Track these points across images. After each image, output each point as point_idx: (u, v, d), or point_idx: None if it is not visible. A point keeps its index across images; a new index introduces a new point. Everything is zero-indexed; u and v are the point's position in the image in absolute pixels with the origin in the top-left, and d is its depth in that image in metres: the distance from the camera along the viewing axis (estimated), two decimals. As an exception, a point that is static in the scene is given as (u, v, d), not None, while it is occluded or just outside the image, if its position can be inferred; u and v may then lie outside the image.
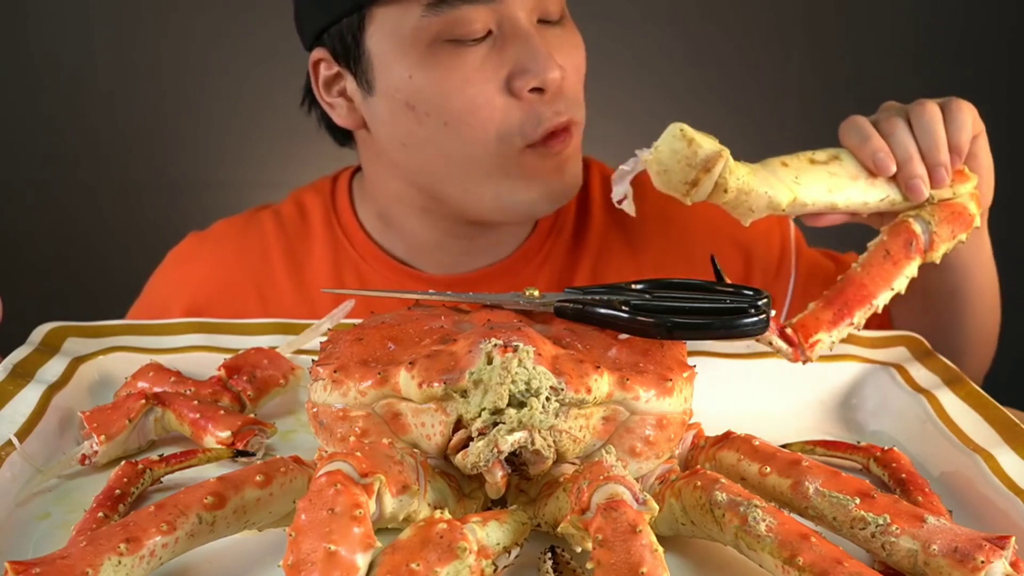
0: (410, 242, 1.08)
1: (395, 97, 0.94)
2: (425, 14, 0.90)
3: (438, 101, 0.92)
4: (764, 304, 0.66)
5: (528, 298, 0.69)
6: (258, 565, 0.56)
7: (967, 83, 2.32)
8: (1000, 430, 0.71)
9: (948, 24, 2.30)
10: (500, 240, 1.08)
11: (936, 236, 0.77)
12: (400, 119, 0.95)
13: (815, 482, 0.56)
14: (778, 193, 0.72)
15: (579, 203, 1.12)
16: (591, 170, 1.14)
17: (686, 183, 0.68)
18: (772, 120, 2.31)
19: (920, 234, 0.77)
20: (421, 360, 0.59)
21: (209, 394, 0.75)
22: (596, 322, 0.67)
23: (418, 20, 0.90)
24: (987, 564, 0.49)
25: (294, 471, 0.57)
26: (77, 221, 2.18)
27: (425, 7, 0.90)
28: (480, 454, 0.56)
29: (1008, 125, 2.20)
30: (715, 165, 0.67)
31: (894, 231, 0.77)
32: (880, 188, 0.79)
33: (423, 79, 0.92)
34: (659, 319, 0.65)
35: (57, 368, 0.77)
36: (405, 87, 0.93)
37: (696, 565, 0.58)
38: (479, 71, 0.91)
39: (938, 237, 0.77)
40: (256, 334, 0.86)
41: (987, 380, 1.06)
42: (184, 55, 2.12)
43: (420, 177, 1.01)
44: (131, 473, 0.62)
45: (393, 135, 0.98)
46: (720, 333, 0.67)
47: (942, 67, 2.32)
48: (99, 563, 0.48)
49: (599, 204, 1.12)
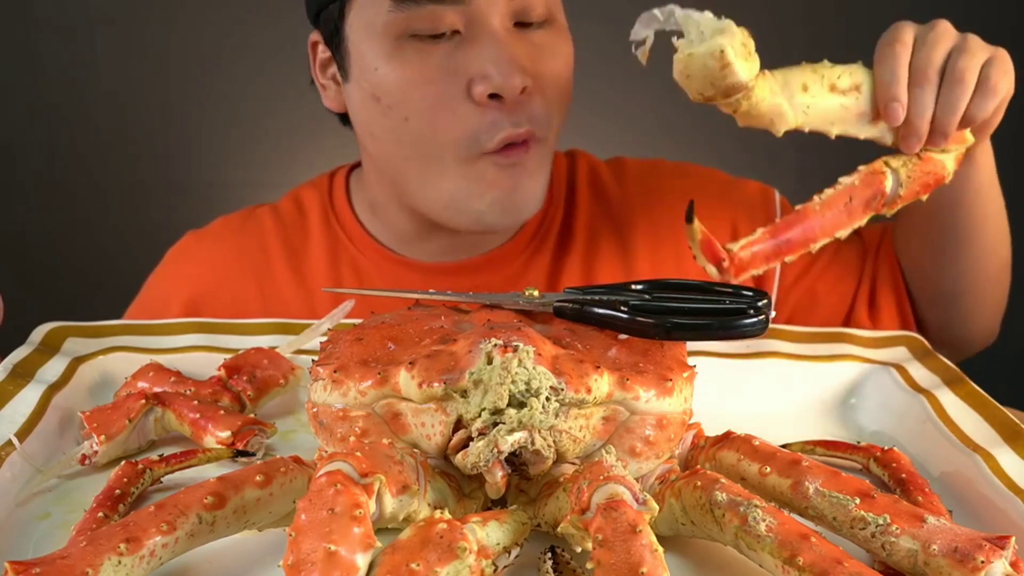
0: (397, 233, 1.08)
1: (364, 87, 0.94)
2: (392, 9, 0.90)
3: (400, 96, 0.92)
4: (764, 305, 0.66)
5: (528, 298, 0.69)
6: (258, 565, 0.56)
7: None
8: (1000, 430, 0.71)
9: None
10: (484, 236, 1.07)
11: (900, 197, 0.77)
12: (369, 109, 0.95)
13: (815, 482, 0.56)
14: (783, 119, 0.72)
15: (567, 193, 1.12)
16: (578, 161, 1.14)
17: (701, 94, 0.68)
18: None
19: (888, 191, 0.76)
20: (421, 360, 0.59)
21: (209, 394, 0.75)
22: (595, 322, 0.67)
23: (387, 14, 0.90)
24: (987, 564, 0.49)
25: (294, 471, 0.57)
26: (78, 221, 2.18)
27: (393, 1, 0.90)
28: (480, 454, 0.56)
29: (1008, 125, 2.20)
30: (734, 95, 0.67)
31: (866, 180, 0.77)
32: (878, 128, 0.78)
33: (388, 72, 0.92)
34: (658, 320, 0.65)
35: (57, 368, 0.77)
36: (372, 78, 0.93)
37: (696, 565, 0.58)
38: (441, 71, 0.90)
39: (901, 199, 0.77)
40: (256, 334, 0.86)
41: (987, 380, 1.05)
42: (189, 57, 2.12)
43: (387, 169, 1.00)
44: (131, 473, 0.62)
45: (364, 124, 0.98)
46: (719, 334, 0.67)
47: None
48: (99, 563, 0.48)
49: (585, 195, 1.12)
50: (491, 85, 0.89)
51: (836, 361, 0.86)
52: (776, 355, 0.86)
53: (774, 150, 2.40)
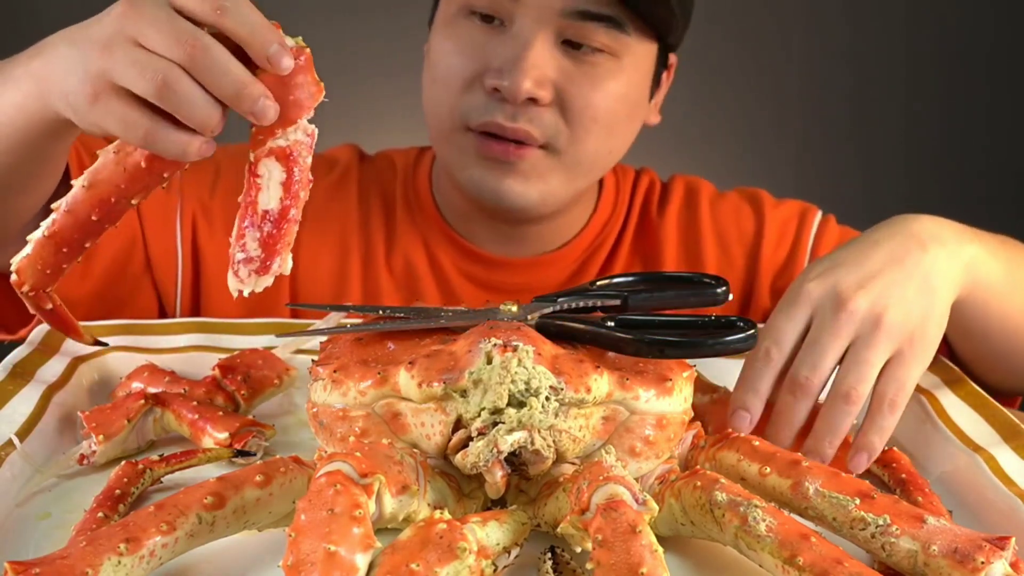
0: (451, 206, 1.08)
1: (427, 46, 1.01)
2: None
3: (435, 58, 0.97)
4: (748, 321, 0.65)
5: (505, 313, 0.67)
6: (258, 565, 0.56)
7: (967, 84, 2.33)
8: (1000, 430, 0.71)
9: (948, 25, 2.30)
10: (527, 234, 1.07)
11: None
12: (424, 70, 1.00)
13: (815, 482, 0.56)
14: None
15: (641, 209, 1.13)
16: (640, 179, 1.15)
17: None
18: (772, 124, 2.32)
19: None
20: (421, 360, 0.59)
21: (203, 394, 0.75)
22: (581, 340, 0.64)
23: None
24: (987, 564, 0.49)
25: (294, 471, 0.57)
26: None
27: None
28: (480, 454, 0.56)
29: (1009, 125, 2.21)
30: None
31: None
32: None
33: (436, 34, 0.98)
34: (650, 340, 0.62)
35: (57, 368, 0.77)
36: (430, 41, 1.00)
37: (696, 565, 0.58)
38: (472, 49, 0.94)
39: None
40: (255, 334, 0.86)
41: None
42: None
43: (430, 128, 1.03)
44: (131, 473, 0.62)
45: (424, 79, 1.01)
46: (715, 349, 0.63)
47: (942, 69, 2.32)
48: (99, 563, 0.48)
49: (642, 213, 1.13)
50: (497, 79, 0.91)
51: (836, 361, 0.86)
52: (776, 355, 0.86)
53: (775, 150, 2.40)
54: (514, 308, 0.67)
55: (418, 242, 1.09)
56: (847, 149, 2.34)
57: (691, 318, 0.67)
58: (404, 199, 1.11)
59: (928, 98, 2.34)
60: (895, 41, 2.31)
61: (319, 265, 1.07)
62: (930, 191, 2.35)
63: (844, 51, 2.30)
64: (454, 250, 1.08)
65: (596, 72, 0.94)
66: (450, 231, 1.08)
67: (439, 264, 1.08)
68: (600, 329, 0.63)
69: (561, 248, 1.09)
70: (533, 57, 0.90)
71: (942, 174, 2.37)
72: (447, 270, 1.08)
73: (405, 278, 1.08)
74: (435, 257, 1.08)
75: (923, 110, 2.36)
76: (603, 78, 0.94)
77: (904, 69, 2.32)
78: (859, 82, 2.31)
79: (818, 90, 2.31)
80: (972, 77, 2.31)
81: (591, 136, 0.95)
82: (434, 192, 1.10)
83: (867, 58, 2.31)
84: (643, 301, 0.69)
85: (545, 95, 0.91)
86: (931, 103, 2.35)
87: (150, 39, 0.58)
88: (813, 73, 2.31)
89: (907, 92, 2.34)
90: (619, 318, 0.66)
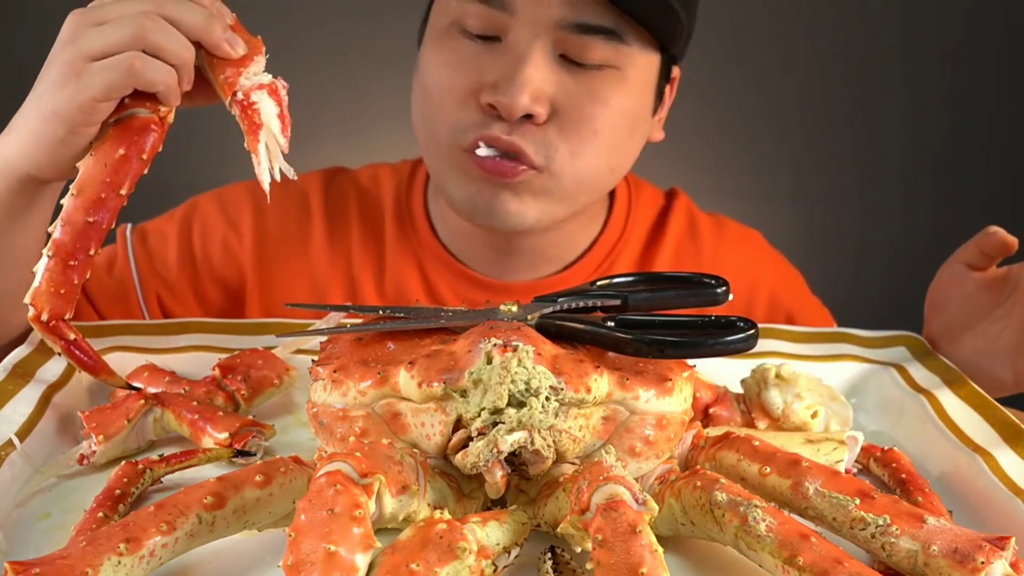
0: (448, 227, 1.07)
1: (417, 60, 0.99)
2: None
3: (424, 77, 0.95)
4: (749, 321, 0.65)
5: (505, 313, 0.67)
6: (258, 565, 0.56)
7: (969, 83, 2.33)
8: (1000, 430, 0.71)
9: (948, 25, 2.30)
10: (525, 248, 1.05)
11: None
12: (415, 87, 0.98)
13: (815, 482, 0.56)
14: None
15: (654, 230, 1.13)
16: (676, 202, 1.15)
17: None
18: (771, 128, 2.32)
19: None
20: (421, 360, 0.59)
21: (204, 394, 0.75)
22: (585, 341, 0.65)
23: (454, 3, 0.92)
24: (987, 565, 0.49)
25: (294, 471, 0.57)
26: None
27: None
28: (480, 454, 0.56)
29: (1009, 125, 2.21)
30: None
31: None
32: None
33: (427, 51, 0.96)
34: (650, 340, 0.62)
35: (57, 368, 0.77)
36: (420, 56, 0.97)
37: (696, 565, 0.58)
38: (465, 64, 0.91)
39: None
40: (255, 334, 0.86)
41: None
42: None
43: (423, 151, 1.01)
44: (131, 473, 0.62)
45: (413, 95, 1.00)
46: (714, 350, 0.63)
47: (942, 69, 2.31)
48: (99, 563, 0.48)
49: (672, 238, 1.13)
50: (492, 96, 0.88)
51: (836, 361, 0.86)
52: (776, 355, 0.86)
53: (774, 150, 2.40)
54: (514, 308, 0.67)
55: (412, 266, 1.07)
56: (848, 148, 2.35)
57: (691, 318, 0.66)
58: (396, 219, 1.08)
59: (928, 98, 2.34)
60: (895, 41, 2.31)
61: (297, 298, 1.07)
62: (930, 191, 2.35)
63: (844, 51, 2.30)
64: (451, 275, 1.06)
65: (596, 84, 0.90)
66: (447, 256, 1.07)
67: (436, 290, 1.06)
68: (600, 329, 0.63)
69: (563, 271, 1.07)
70: (530, 71, 0.87)
71: (942, 174, 2.37)
72: (444, 296, 1.06)
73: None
74: (431, 283, 1.07)
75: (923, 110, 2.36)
76: (603, 90, 0.90)
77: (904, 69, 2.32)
78: (859, 82, 2.31)
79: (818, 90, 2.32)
80: (972, 77, 2.31)
81: (591, 150, 0.92)
82: (429, 211, 1.08)
83: (866, 58, 2.31)
84: (643, 301, 0.69)
85: (542, 111, 0.88)
86: (931, 103, 2.35)
87: (109, 11, 0.65)
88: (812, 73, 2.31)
89: (907, 92, 2.34)
90: (619, 318, 0.66)
